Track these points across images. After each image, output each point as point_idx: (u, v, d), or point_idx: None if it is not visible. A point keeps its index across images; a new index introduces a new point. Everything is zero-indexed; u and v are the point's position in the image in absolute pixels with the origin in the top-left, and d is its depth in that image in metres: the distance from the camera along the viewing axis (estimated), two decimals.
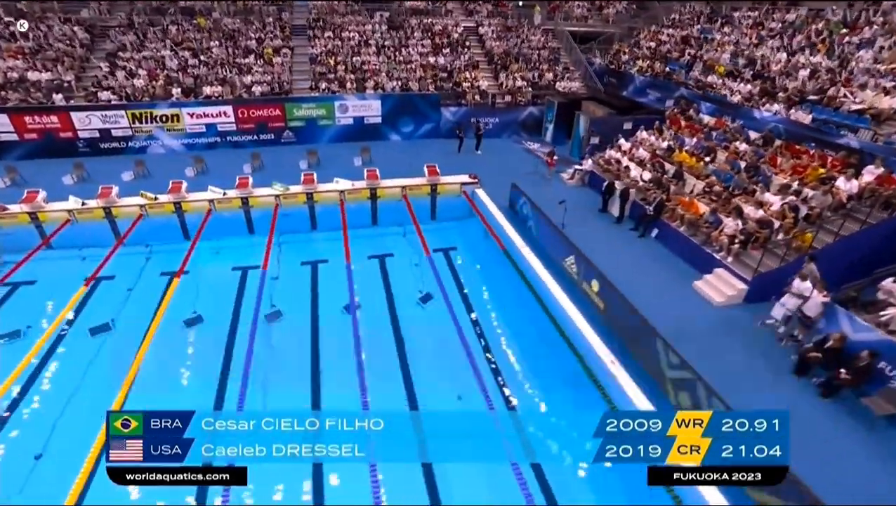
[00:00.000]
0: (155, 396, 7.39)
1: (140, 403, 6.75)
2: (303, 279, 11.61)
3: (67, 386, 8.20)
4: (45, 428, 7.39)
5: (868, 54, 14.08)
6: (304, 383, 8.31)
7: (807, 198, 10.82)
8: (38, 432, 7.33)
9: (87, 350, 9.07)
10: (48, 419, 7.57)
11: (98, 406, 7.42)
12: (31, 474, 6.70)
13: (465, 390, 8.23)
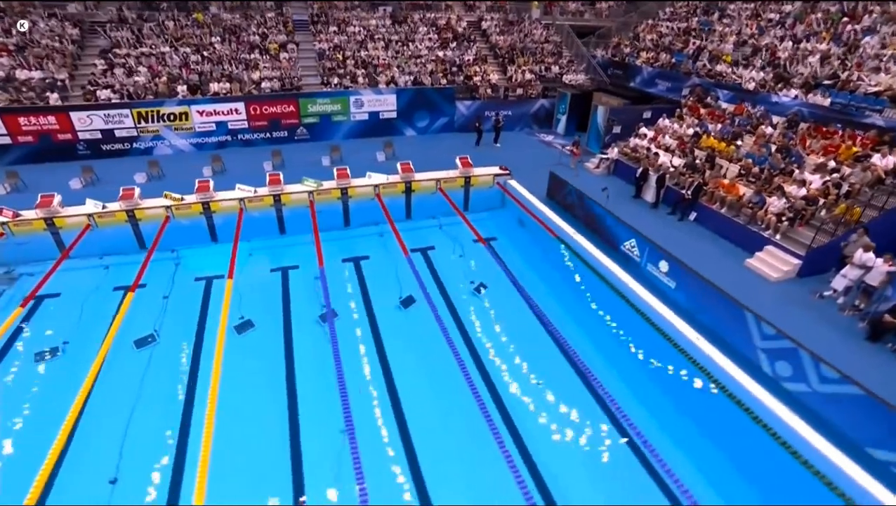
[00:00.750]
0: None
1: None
2: (350, 276, 11.22)
3: (125, 401, 7.55)
4: (114, 449, 6.78)
5: (874, 40, 14.85)
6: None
7: (845, 175, 11.30)
8: (108, 453, 6.70)
9: (136, 363, 8.39)
10: (116, 439, 6.95)
11: (161, 421, 7.25)
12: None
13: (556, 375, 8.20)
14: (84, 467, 6.49)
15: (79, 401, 6.68)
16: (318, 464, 6.46)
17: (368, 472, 5.86)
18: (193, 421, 7.20)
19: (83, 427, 6.78)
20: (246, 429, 6.99)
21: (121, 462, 6.51)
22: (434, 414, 7.35)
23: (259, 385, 7.85)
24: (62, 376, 7.96)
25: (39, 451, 6.32)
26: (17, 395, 7.66)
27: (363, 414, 7.14)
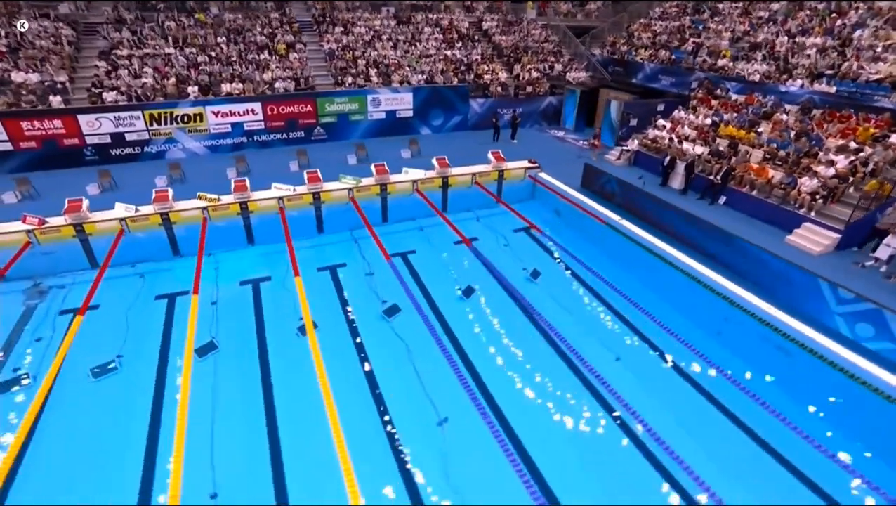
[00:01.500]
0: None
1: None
2: (403, 270, 11.08)
3: (202, 413, 7.06)
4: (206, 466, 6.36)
5: (865, 33, 16.02)
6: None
7: (868, 155, 12.10)
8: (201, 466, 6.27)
9: (202, 372, 7.93)
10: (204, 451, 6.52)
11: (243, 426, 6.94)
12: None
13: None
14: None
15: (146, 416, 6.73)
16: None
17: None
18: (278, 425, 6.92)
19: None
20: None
21: (215, 475, 6.10)
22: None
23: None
24: (126, 392, 7.47)
25: (128, 471, 6.07)
26: (85, 414, 7.07)
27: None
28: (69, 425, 6.87)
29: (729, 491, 5.91)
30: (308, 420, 6.65)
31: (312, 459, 6.19)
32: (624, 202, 12.96)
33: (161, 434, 6.69)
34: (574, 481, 6.15)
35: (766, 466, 6.48)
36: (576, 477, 6.23)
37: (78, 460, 6.36)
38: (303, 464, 6.24)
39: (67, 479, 6.08)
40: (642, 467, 6.34)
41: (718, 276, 9.58)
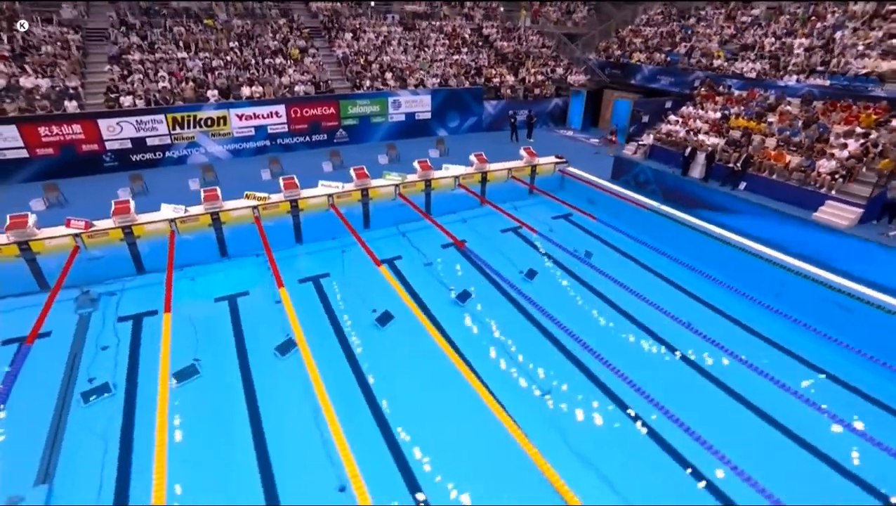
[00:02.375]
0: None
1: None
2: (458, 261, 11.26)
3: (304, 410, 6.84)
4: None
5: (846, 33, 17.62)
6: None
7: (876, 138, 13.29)
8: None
9: (278, 372, 7.74)
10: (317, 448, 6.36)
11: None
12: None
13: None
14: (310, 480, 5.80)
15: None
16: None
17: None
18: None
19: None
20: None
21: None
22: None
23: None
24: (214, 396, 7.15)
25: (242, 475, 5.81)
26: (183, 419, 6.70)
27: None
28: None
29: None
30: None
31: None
32: (661, 189, 13.64)
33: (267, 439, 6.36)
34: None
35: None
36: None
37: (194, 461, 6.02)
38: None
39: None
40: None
41: (767, 248, 10.28)
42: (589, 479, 5.70)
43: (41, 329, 7.84)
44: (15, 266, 9.51)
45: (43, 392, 7.02)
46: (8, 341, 8.05)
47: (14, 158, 13.53)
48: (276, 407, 6.83)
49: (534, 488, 5.26)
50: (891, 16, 17.48)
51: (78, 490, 5.53)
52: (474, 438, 6.24)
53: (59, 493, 5.51)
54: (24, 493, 5.45)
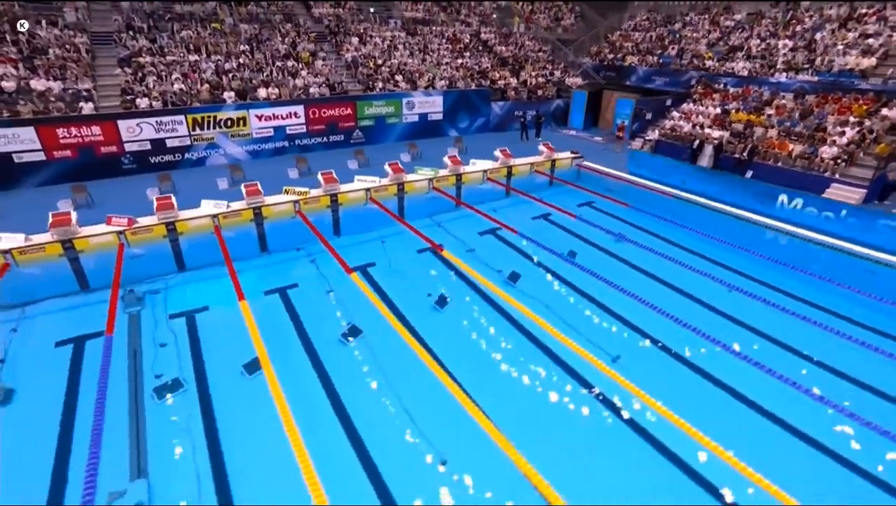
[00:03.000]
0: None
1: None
2: (500, 245, 11.58)
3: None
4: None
5: (825, 34, 19.04)
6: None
7: (870, 125, 14.42)
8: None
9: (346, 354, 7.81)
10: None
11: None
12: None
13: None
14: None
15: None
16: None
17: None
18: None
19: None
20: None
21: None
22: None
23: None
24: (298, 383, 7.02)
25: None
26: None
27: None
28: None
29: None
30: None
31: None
32: (682, 179, 14.35)
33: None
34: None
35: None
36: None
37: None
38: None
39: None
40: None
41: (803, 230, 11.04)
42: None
43: (93, 330, 7.85)
44: (48, 267, 9.10)
45: (112, 389, 6.75)
46: (62, 343, 7.76)
47: (30, 162, 13.09)
48: (355, 395, 6.78)
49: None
50: (863, 18, 19.02)
51: (176, 483, 5.41)
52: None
53: (158, 486, 5.39)
54: (123, 488, 5.31)
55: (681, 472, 5.58)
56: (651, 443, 5.96)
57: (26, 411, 6.42)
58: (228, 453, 5.86)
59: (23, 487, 5.37)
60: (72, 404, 6.56)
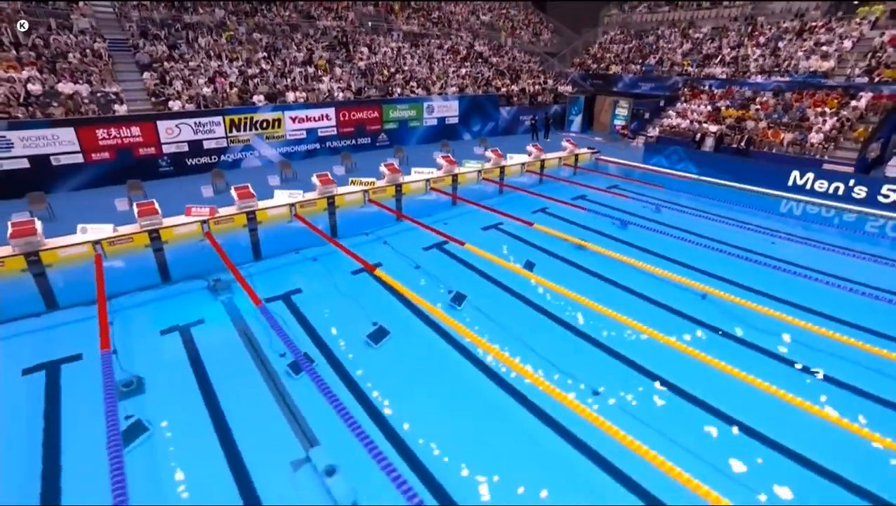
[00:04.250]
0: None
1: None
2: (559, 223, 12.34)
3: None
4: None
5: (785, 43, 21.71)
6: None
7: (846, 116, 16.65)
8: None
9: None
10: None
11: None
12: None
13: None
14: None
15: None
16: None
17: None
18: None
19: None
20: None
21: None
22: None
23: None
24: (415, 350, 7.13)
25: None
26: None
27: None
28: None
29: None
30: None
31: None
32: (693, 163, 15.87)
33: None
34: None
35: None
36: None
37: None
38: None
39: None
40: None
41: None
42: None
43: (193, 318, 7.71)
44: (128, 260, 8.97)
45: (243, 371, 6.62)
46: (167, 331, 7.50)
47: (68, 164, 12.58)
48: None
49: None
50: (815, 30, 21.88)
51: (350, 450, 4.97)
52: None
53: (333, 454, 5.10)
54: (303, 456, 5.11)
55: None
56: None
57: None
58: (384, 408, 5.85)
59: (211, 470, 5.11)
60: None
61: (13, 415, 5.72)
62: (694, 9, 27.89)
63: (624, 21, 30.56)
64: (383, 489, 4.42)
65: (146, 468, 4.98)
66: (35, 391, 6.07)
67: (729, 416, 5.74)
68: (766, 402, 5.59)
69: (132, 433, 5.25)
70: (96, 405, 5.15)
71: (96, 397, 5.25)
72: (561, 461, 5.15)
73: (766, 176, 14.56)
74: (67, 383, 6.27)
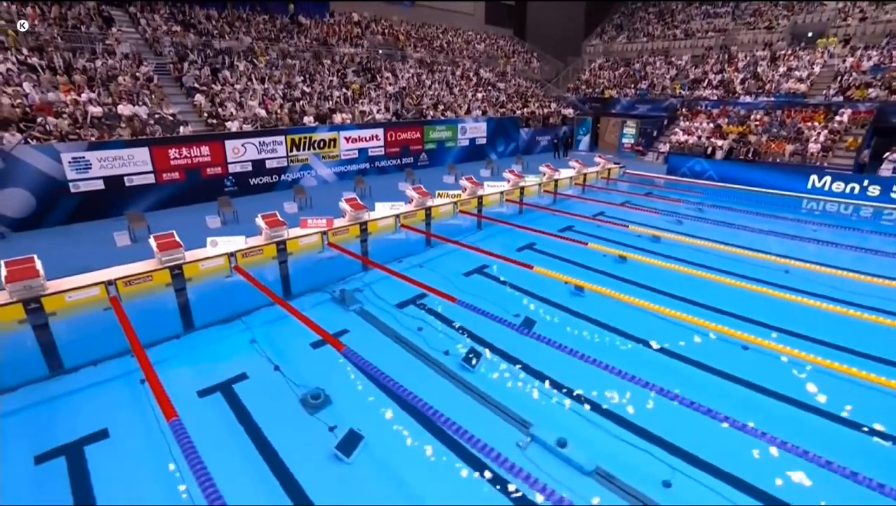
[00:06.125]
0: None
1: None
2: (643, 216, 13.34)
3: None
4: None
5: (763, 69, 24.48)
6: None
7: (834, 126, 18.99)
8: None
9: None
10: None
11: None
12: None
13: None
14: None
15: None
16: None
17: None
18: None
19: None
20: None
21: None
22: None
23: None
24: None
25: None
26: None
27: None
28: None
29: None
30: None
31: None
32: (718, 175, 17.50)
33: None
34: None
35: None
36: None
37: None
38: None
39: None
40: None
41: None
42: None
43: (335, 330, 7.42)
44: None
45: (412, 367, 6.74)
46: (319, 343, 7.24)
47: (140, 185, 12.28)
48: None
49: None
50: (784, 58, 24.81)
51: (553, 421, 5.57)
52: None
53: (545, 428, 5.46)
54: (527, 437, 5.37)
55: None
56: None
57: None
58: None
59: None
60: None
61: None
62: (671, 39, 30.82)
63: (606, 50, 33.17)
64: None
65: (378, 470, 4.94)
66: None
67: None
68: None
69: (350, 443, 5.13)
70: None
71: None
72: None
73: (786, 180, 16.32)
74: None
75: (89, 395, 6.11)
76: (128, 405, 5.90)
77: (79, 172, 11.25)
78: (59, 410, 5.79)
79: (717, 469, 4.88)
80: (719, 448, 5.11)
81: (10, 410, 5.75)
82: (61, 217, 11.28)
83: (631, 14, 35.95)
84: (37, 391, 6.12)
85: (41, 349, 6.62)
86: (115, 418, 5.62)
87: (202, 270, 8.44)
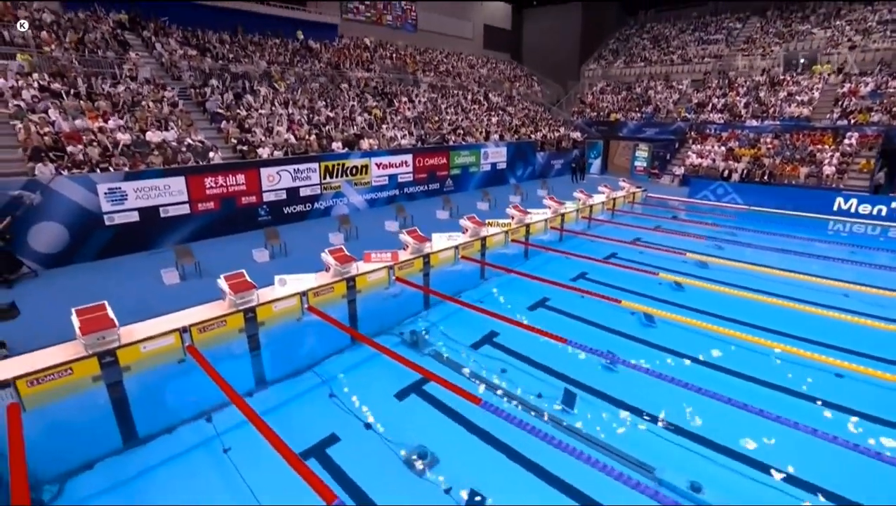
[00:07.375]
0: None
1: None
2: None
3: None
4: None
5: (764, 94, 25.30)
6: None
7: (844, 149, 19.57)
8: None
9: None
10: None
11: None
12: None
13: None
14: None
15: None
16: None
17: None
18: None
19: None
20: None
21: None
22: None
23: None
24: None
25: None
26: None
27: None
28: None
29: None
30: None
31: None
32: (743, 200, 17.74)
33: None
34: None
35: None
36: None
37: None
38: None
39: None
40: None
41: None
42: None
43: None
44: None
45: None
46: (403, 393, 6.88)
47: (175, 216, 11.59)
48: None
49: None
50: (783, 85, 25.71)
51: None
52: None
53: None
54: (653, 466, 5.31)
55: None
56: None
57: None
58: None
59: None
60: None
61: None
62: (668, 64, 31.71)
63: (604, 74, 33.91)
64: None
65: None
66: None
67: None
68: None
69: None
70: None
71: None
72: None
73: (810, 202, 16.62)
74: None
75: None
76: (218, 482, 5.22)
77: (114, 204, 10.54)
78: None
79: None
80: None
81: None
82: (93, 252, 10.51)
83: (626, 39, 36.98)
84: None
85: (115, 412, 5.93)
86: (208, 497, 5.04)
87: (275, 311, 7.86)
